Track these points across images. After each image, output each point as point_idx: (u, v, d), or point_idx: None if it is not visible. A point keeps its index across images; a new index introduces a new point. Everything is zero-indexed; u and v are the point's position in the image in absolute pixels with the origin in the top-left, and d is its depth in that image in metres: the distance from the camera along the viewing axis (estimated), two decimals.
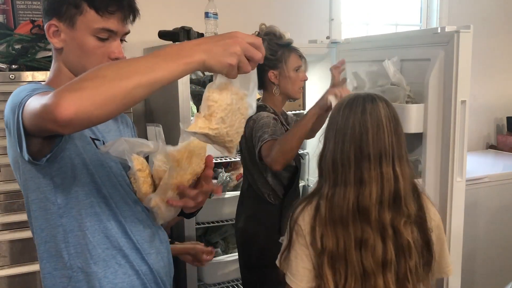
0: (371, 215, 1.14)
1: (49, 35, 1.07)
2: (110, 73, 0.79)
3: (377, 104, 1.17)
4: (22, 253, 1.85)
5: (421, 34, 1.99)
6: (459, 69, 1.73)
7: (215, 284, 2.42)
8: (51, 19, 1.06)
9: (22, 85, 1.74)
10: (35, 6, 2.14)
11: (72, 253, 1.06)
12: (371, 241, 1.14)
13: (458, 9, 3.34)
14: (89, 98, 0.76)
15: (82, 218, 1.05)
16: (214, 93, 0.87)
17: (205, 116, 0.87)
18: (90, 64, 1.06)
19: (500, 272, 2.64)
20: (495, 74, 3.50)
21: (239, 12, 2.71)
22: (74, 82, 0.79)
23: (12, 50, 1.85)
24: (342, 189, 1.16)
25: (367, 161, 1.14)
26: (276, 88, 1.82)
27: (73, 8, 1.03)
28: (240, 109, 0.92)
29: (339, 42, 2.46)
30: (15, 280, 1.86)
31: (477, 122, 3.49)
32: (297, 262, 1.21)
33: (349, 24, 3.17)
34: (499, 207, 2.71)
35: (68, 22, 1.05)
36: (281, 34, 1.81)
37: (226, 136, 0.90)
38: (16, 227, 1.83)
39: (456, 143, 1.74)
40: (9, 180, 1.80)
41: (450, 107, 1.74)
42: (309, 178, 2.68)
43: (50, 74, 1.14)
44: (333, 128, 1.21)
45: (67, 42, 1.06)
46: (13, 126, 0.93)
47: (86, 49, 1.06)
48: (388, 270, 1.15)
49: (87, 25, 1.04)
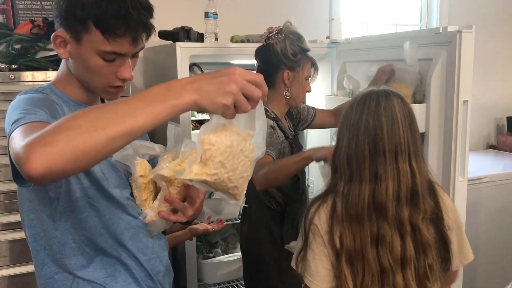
0: (388, 211, 1.13)
1: (55, 45, 1.03)
2: (85, 123, 0.71)
3: (392, 99, 1.16)
4: (22, 253, 1.85)
5: (423, 34, 1.99)
6: (461, 69, 1.73)
7: (215, 284, 2.42)
8: (59, 28, 1.02)
9: (21, 84, 1.76)
10: (35, 6, 2.14)
11: (68, 264, 1.05)
12: (388, 238, 1.12)
13: (458, 9, 3.34)
14: (60, 154, 0.69)
15: (77, 231, 1.05)
16: (211, 135, 0.78)
17: (202, 161, 0.79)
18: (95, 82, 1.04)
19: (500, 272, 2.64)
20: (495, 74, 3.50)
21: (239, 12, 2.71)
22: (46, 133, 0.71)
23: (12, 50, 1.85)
24: (357, 186, 1.15)
25: (382, 156, 1.13)
26: (288, 90, 1.76)
27: (79, 24, 0.98)
28: (243, 151, 0.82)
29: (339, 42, 2.46)
30: (15, 280, 1.85)
31: (477, 122, 3.49)
32: (316, 262, 1.18)
33: (349, 24, 3.17)
34: (499, 207, 2.71)
35: (74, 36, 1.00)
36: (304, 39, 1.77)
37: (228, 182, 0.81)
38: (16, 227, 1.82)
39: (458, 143, 1.74)
40: (9, 180, 1.79)
41: (452, 107, 1.75)
42: (309, 178, 2.67)
43: (58, 74, 1.11)
44: (346, 124, 1.19)
45: (72, 55, 1.03)
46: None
47: (91, 67, 1.01)
48: (408, 267, 1.13)
49: (92, 45, 0.98)
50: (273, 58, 1.72)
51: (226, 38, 2.33)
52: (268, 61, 1.74)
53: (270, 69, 1.74)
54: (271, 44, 1.73)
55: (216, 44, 2.19)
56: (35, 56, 1.86)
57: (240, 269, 1.97)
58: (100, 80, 1.04)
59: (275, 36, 1.72)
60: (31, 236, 1.07)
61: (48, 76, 1.81)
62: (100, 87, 1.06)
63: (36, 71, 1.80)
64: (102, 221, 1.06)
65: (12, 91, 1.77)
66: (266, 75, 1.80)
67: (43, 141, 0.70)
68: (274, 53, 1.71)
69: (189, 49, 2.05)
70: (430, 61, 1.81)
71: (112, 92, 1.07)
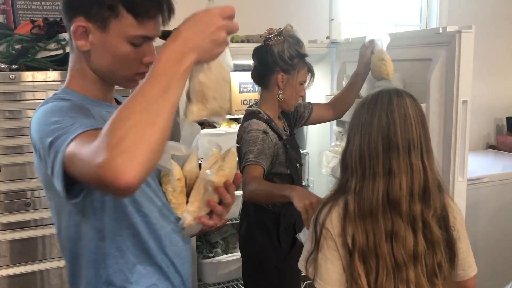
0: (402, 207, 1.13)
1: (76, 36, 0.95)
2: (142, 117, 0.72)
3: (403, 98, 1.17)
4: (22, 253, 1.85)
5: (423, 34, 1.99)
6: (460, 69, 1.73)
7: (215, 284, 2.42)
8: (76, 18, 0.95)
9: (21, 85, 1.76)
10: (35, 6, 2.14)
11: (111, 273, 1.02)
12: (402, 233, 1.12)
13: (458, 9, 3.34)
14: (142, 155, 0.70)
15: (123, 239, 1.01)
16: (199, 76, 0.88)
17: (198, 101, 0.90)
18: (122, 71, 1.00)
19: (500, 272, 2.64)
20: (495, 74, 3.50)
21: (239, 12, 2.69)
22: (115, 140, 0.70)
23: (12, 50, 1.85)
24: (371, 181, 1.15)
25: (395, 151, 1.13)
26: (281, 93, 1.78)
27: (107, 10, 0.93)
28: (224, 78, 0.93)
29: (339, 42, 2.46)
30: (15, 280, 1.85)
31: (477, 122, 3.49)
32: (327, 266, 1.17)
33: (349, 24, 3.17)
34: (499, 207, 2.72)
35: (99, 25, 0.94)
36: (303, 44, 1.77)
37: (218, 108, 0.93)
38: (16, 227, 1.83)
39: (457, 143, 1.74)
40: (9, 180, 1.80)
41: (452, 107, 1.75)
42: (309, 178, 2.68)
43: (72, 74, 1.04)
44: (358, 123, 1.19)
45: (95, 45, 0.96)
46: (48, 163, 0.86)
47: (119, 55, 0.97)
48: (419, 263, 1.13)
49: (122, 31, 0.95)
50: (269, 59, 1.73)
51: None
52: (264, 61, 1.75)
53: (265, 70, 1.76)
54: (269, 45, 1.74)
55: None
56: (35, 56, 1.86)
57: (240, 269, 1.97)
58: (128, 68, 1.00)
59: (274, 37, 1.74)
60: (71, 248, 1.03)
61: (48, 76, 1.81)
62: (128, 76, 1.02)
63: (37, 71, 1.80)
64: (149, 226, 1.03)
65: (12, 91, 1.77)
66: (261, 76, 1.82)
67: (120, 149, 0.69)
68: (270, 54, 1.73)
69: None
70: (429, 61, 1.81)
71: (137, 80, 1.03)
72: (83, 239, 1.01)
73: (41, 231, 1.86)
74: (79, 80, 1.02)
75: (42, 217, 1.86)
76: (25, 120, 1.80)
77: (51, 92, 1.83)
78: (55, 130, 0.85)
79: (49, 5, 2.13)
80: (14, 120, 1.79)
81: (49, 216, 1.84)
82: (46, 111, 0.92)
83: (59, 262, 1.89)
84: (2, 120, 1.77)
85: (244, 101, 2.35)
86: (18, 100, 1.79)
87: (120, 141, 0.69)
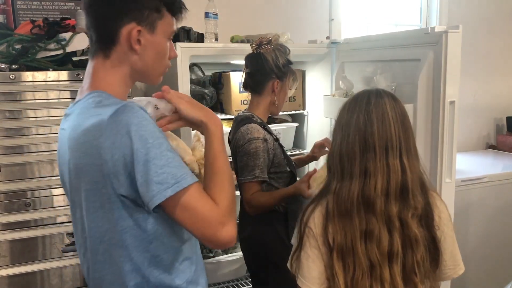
0: (376, 206, 1.14)
1: (134, 41, 1.02)
2: (231, 189, 1.03)
3: (383, 98, 1.18)
4: (22, 253, 1.85)
5: (413, 35, 1.98)
6: (447, 70, 1.71)
7: (215, 284, 2.42)
8: (127, 24, 1.01)
9: (22, 85, 1.76)
10: (35, 6, 2.14)
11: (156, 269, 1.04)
12: (376, 232, 1.14)
13: (458, 9, 3.34)
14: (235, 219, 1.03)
15: (171, 239, 1.05)
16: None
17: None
18: (161, 67, 1.10)
19: (500, 272, 2.65)
20: (495, 74, 3.50)
21: (239, 12, 2.71)
22: (229, 205, 1.00)
23: (12, 50, 1.85)
24: (348, 182, 1.16)
25: (372, 152, 1.14)
26: (276, 98, 1.86)
27: (155, 13, 1.03)
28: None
29: (339, 42, 2.46)
30: (15, 280, 1.86)
31: (477, 122, 3.49)
32: (309, 264, 1.20)
33: (349, 24, 3.17)
34: (499, 207, 2.72)
35: (149, 27, 1.03)
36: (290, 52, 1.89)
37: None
38: (16, 227, 1.83)
39: (444, 144, 1.73)
40: (9, 180, 1.80)
41: (439, 108, 1.74)
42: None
43: (115, 83, 1.05)
44: (339, 123, 1.21)
45: (145, 46, 1.04)
46: (148, 175, 0.92)
47: (162, 52, 1.08)
48: (394, 262, 1.14)
49: (165, 29, 1.06)
50: (266, 67, 1.82)
51: (226, 38, 2.33)
52: (260, 69, 1.83)
53: (261, 78, 1.84)
54: (262, 54, 1.82)
55: (216, 44, 2.19)
56: (35, 56, 1.86)
57: (240, 269, 1.97)
58: (164, 64, 1.10)
59: (265, 46, 1.83)
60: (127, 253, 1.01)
61: (48, 76, 1.81)
62: (162, 71, 1.12)
63: (37, 71, 1.80)
64: None
65: (12, 91, 1.77)
66: (256, 83, 1.87)
67: (230, 214, 1.00)
68: (266, 62, 1.81)
69: (189, 49, 2.05)
70: (418, 61, 1.80)
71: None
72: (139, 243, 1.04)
73: (41, 231, 1.86)
74: (123, 88, 1.07)
75: (42, 217, 1.86)
76: (25, 120, 1.80)
77: (51, 92, 1.84)
78: (182, 183, 0.95)
79: (49, 5, 2.13)
80: (14, 120, 1.79)
81: (49, 216, 1.86)
82: (150, 128, 0.94)
83: (59, 262, 1.90)
84: (2, 120, 1.77)
85: (244, 101, 2.35)
86: (18, 100, 1.79)
87: (233, 213, 1.01)
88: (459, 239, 1.29)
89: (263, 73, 1.83)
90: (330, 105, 2.34)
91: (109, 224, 0.99)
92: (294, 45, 2.42)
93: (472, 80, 3.40)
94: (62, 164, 1.10)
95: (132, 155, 0.91)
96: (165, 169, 0.92)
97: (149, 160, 0.91)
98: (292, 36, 2.39)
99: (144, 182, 0.91)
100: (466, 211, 2.60)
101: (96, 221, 1.01)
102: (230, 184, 1.03)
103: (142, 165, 0.91)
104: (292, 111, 2.61)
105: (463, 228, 2.56)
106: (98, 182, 0.95)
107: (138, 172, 0.91)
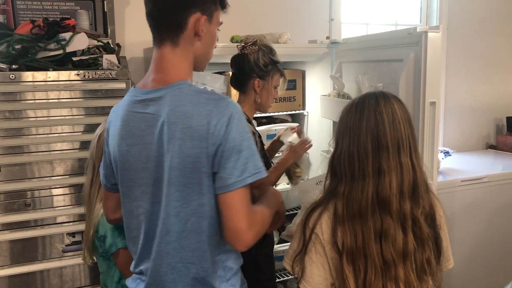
0: (392, 205, 1.14)
1: (200, 29, 1.15)
2: (268, 219, 1.22)
3: (389, 99, 1.20)
4: (22, 253, 1.85)
5: (397, 35, 1.97)
6: (427, 70, 1.70)
7: None
8: (193, 13, 1.13)
9: (22, 85, 1.76)
10: (35, 6, 2.14)
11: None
12: (391, 232, 1.14)
13: (458, 9, 3.34)
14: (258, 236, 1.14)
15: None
16: None
17: None
18: (211, 54, 1.26)
19: (500, 272, 2.65)
20: (495, 74, 3.50)
21: (239, 12, 2.71)
22: (259, 233, 1.14)
23: (12, 50, 1.85)
24: (360, 183, 1.16)
25: (385, 151, 1.15)
26: (258, 96, 1.92)
27: (213, 5, 1.18)
28: None
29: (339, 42, 2.46)
30: (15, 280, 1.86)
31: (477, 122, 3.49)
32: (312, 270, 1.19)
33: (348, 24, 3.17)
34: (499, 207, 2.72)
35: (209, 17, 1.17)
36: (276, 52, 1.94)
37: None
38: (16, 227, 1.83)
39: (425, 146, 1.72)
40: (9, 180, 1.80)
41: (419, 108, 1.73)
42: (309, 178, 2.67)
43: (186, 68, 1.17)
44: (346, 127, 1.21)
45: (205, 34, 1.17)
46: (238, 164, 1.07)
47: (214, 40, 1.23)
48: (408, 260, 1.15)
49: (217, 19, 1.21)
50: (246, 67, 1.88)
51: (226, 38, 2.33)
52: (242, 69, 1.89)
53: (243, 77, 1.91)
54: (245, 54, 1.88)
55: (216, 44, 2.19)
56: (35, 56, 1.85)
57: None
58: (212, 52, 1.25)
59: (249, 47, 1.89)
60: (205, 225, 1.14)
61: (48, 76, 1.81)
62: (210, 58, 1.26)
63: (37, 71, 1.80)
64: None
65: (12, 91, 1.77)
66: (239, 82, 1.92)
67: (257, 236, 1.12)
68: (247, 62, 1.87)
69: None
70: (401, 62, 1.79)
71: None
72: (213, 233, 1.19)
73: (41, 231, 1.86)
74: (191, 72, 1.20)
75: (42, 217, 1.86)
76: (25, 120, 1.80)
77: (51, 92, 1.84)
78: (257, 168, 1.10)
79: (49, 5, 2.13)
80: (14, 120, 1.79)
81: (49, 216, 1.86)
82: (245, 123, 1.11)
83: (59, 262, 1.90)
84: (2, 120, 1.77)
85: None
86: (18, 100, 1.79)
87: (260, 231, 1.15)
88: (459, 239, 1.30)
89: (244, 72, 1.89)
90: (326, 105, 2.35)
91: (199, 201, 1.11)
92: (294, 45, 2.42)
93: (472, 80, 3.40)
94: (144, 145, 1.14)
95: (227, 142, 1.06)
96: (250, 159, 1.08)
97: (242, 149, 1.06)
98: (292, 36, 2.39)
99: (231, 167, 1.06)
100: (466, 211, 2.59)
101: (188, 199, 1.11)
102: (268, 217, 1.22)
103: (236, 153, 1.06)
104: (292, 111, 2.61)
105: (463, 228, 2.55)
106: (199, 161, 1.07)
107: (228, 158, 1.06)
